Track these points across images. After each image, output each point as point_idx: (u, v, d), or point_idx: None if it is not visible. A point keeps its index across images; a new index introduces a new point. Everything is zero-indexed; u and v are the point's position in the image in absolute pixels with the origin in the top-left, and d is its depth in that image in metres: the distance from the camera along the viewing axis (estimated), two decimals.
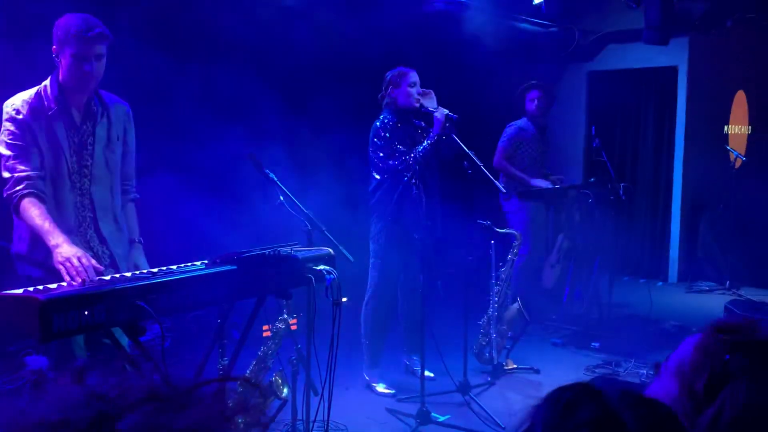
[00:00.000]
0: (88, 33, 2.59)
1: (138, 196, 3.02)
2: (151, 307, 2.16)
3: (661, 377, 0.97)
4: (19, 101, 2.65)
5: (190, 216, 4.00)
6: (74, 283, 2.25)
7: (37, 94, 2.68)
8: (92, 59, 2.62)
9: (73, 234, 2.67)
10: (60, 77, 2.67)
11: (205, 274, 2.39)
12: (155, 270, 2.45)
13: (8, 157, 2.62)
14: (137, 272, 2.44)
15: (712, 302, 6.46)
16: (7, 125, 2.63)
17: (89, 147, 2.74)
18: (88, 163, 2.73)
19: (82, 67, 2.60)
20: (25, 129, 2.62)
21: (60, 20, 2.65)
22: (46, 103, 2.66)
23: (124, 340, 2.48)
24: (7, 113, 2.64)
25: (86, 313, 2.01)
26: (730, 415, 0.87)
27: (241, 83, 4.51)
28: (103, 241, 2.78)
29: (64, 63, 2.64)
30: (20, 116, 2.61)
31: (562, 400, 0.78)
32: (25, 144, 2.62)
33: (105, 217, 2.79)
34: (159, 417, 0.60)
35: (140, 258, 2.88)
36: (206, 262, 2.53)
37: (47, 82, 2.70)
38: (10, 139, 2.62)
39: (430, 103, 4.18)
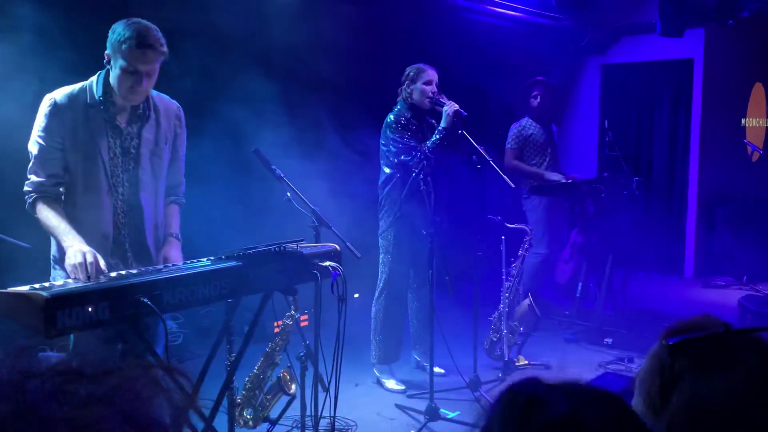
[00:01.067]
0: (144, 50, 2.45)
1: (184, 201, 2.88)
2: (156, 304, 2.17)
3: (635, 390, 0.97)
4: (60, 94, 2.54)
5: (198, 213, 4.01)
6: (80, 281, 2.25)
7: (82, 88, 2.57)
8: (142, 75, 2.48)
9: (109, 240, 2.58)
10: (110, 78, 2.55)
11: (211, 270, 2.40)
12: (161, 267, 2.46)
13: (32, 155, 2.54)
14: (143, 269, 2.44)
15: (729, 298, 6.37)
16: (40, 120, 2.53)
17: (133, 150, 2.61)
18: (131, 167, 2.61)
19: (131, 83, 2.49)
20: (54, 127, 2.51)
21: (117, 25, 2.51)
22: (89, 100, 2.55)
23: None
24: (44, 107, 2.53)
25: (90, 309, 2.02)
26: (682, 417, 0.88)
27: (246, 78, 4.51)
28: (144, 248, 2.67)
29: (114, 72, 2.51)
30: (55, 111, 2.51)
31: (521, 399, 0.76)
32: (48, 145, 2.52)
33: (147, 225, 2.67)
34: (67, 384, 0.61)
35: (173, 252, 2.70)
36: (212, 258, 2.53)
37: (95, 78, 2.59)
38: (38, 137, 2.53)
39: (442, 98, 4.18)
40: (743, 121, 8.07)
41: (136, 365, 0.68)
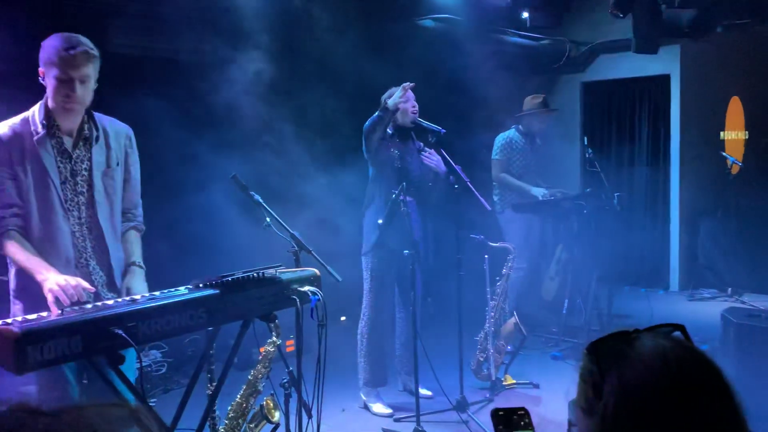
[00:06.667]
0: (71, 52, 2.43)
1: (144, 227, 2.85)
2: (132, 335, 2.14)
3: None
4: (3, 127, 2.53)
5: (176, 241, 3.99)
6: (54, 314, 2.22)
7: (24, 119, 2.56)
8: (76, 82, 2.46)
9: (71, 265, 2.56)
10: (49, 102, 2.54)
11: (187, 300, 2.37)
12: (137, 297, 2.43)
13: None
14: (119, 300, 2.41)
15: (714, 310, 6.39)
16: None
17: (84, 173, 2.60)
18: (84, 190, 2.60)
19: (66, 91, 2.47)
20: (2, 158, 2.50)
21: (46, 40, 2.51)
22: (32, 127, 2.53)
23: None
24: None
25: (63, 343, 1.99)
26: (613, 402, 0.96)
27: (226, 102, 4.52)
28: (108, 271, 2.65)
29: (49, 86, 2.52)
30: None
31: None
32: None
33: (107, 246, 2.64)
34: (28, 419, 0.68)
35: (135, 282, 2.67)
36: (189, 286, 2.51)
37: (35, 107, 2.59)
38: None
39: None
40: (722, 134, 8.18)
41: (95, 405, 0.72)
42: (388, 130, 4.21)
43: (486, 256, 4.44)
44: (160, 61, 4.82)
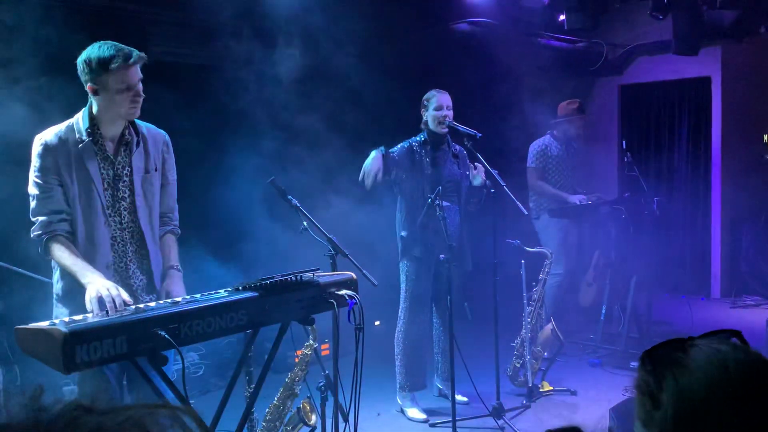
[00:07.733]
0: (130, 60, 2.51)
1: (179, 231, 2.90)
2: (173, 336, 2.17)
3: None
4: (49, 134, 2.59)
5: (215, 243, 4.04)
6: (98, 315, 2.27)
7: (69, 126, 2.62)
8: (138, 83, 2.57)
9: (111, 270, 2.61)
10: (95, 110, 2.59)
11: (227, 302, 2.40)
12: (178, 299, 2.47)
13: (33, 197, 2.59)
14: (161, 302, 2.46)
15: (758, 317, 6.22)
16: (35, 161, 2.59)
17: (125, 179, 2.66)
18: (125, 195, 2.65)
19: (131, 97, 2.54)
20: (49, 165, 2.56)
21: (89, 53, 2.54)
22: (77, 135, 2.60)
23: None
24: (36, 148, 2.59)
25: (108, 343, 2.04)
26: (672, 412, 0.95)
27: (264, 106, 4.57)
28: (147, 274, 2.71)
29: (108, 98, 2.54)
30: (46, 151, 2.56)
31: None
32: (46, 183, 2.56)
33: (148, 251, 2.70)
34: (80, 417, 0.68)
35: (174, 285, 2.71)
36: (228, 289, 2.54)
37: (79, 114, 2.65)
38: (35, 178, 2.58)
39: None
40: (766, 137, 7.96)
41: (143, 405, 0.73)
42: (421, 136, 4.20)
43: (522, 262, 4.40)
44: (194, 68, 4.90)
